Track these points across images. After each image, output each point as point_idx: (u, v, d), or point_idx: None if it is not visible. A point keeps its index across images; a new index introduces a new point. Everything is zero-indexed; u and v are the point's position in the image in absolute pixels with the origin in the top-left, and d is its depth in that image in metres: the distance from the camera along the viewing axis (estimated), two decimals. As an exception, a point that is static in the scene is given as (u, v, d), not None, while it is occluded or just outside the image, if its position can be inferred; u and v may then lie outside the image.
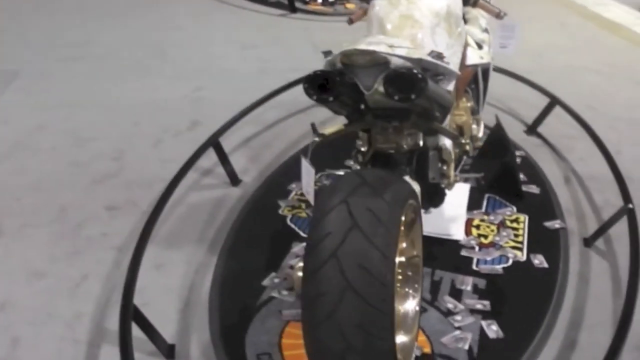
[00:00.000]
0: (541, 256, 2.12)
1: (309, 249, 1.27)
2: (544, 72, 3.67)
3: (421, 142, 1.75)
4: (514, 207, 2.42)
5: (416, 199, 1.54)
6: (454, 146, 1.92)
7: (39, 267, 2.11)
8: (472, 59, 2.08)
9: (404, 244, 1.65)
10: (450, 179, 1.91)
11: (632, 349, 1.74)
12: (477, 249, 2.16)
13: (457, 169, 2.08)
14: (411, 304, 1.68)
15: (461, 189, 2.42)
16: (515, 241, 2.21)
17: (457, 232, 2.22)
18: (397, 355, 1.32)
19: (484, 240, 2.21)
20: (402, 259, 1.64)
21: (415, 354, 1.68)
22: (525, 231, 2.27)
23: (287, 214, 2.35)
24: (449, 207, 2.21)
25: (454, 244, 2.17)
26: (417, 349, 1.71)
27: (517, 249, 2.16)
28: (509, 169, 2.48)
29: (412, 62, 1.45)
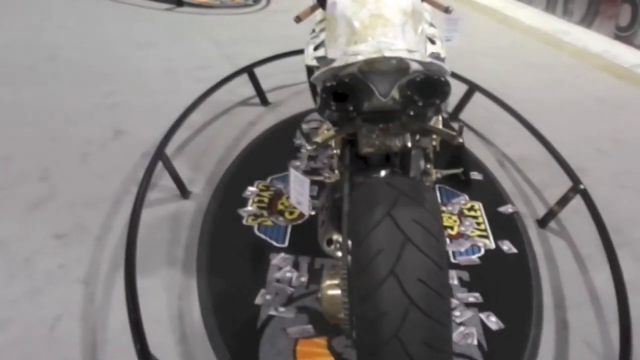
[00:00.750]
0: (508, 242, 2.19)
1: (359, 269, 1.18)
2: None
3: (409, 143, 1.72)
4: (466, 196, 2.48)
5: None
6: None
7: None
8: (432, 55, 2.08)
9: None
10: (432, 177, 1.90)
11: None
12: (448, 241, 2.18)
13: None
14: None
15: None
16: (479, 229, 2.26)
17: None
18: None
19: (451, 231, 2.24)
20: None
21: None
22: (484, 218, 2.33)
23: (253, 224, 2.19)
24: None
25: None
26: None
27: (483, 237, 2.22)
28: (457, 156, 2.54)
29: (424, 66, 1.41)
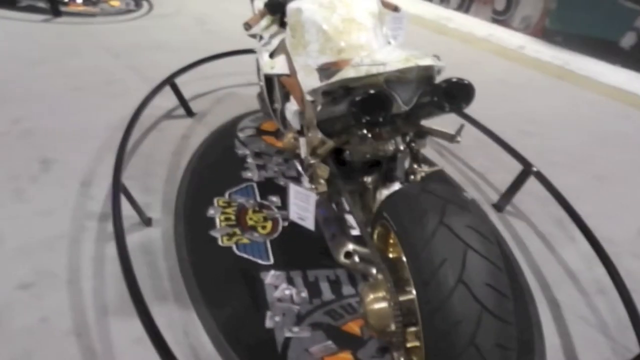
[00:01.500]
0: (476, 229, 2.27)
1: (424, 281, 1.18)
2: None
3: (402, 146, 1.73)
4: (422, 188, 2.53)
5: None
6: None
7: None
8: None
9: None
10: (417, 177, 1.90)
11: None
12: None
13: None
14: None
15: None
16: (446, 221, 2.31)
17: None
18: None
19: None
20: None
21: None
22: (447, 209, 2.39)
23: (230, 244, 2.05)
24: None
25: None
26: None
27: (453, 227, 2.27)
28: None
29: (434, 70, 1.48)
